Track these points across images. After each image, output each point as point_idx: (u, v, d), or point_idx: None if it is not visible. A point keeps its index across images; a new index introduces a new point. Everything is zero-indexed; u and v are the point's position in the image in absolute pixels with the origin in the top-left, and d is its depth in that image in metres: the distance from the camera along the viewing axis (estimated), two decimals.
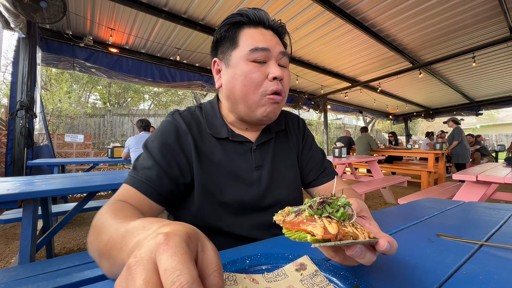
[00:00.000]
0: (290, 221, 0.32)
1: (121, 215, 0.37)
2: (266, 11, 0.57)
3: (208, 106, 0.65)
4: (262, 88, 0.54)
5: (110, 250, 0.30)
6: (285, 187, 0.63)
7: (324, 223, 0.29)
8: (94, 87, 9.17)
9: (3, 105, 6.15)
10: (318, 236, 0.27)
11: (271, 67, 0.54)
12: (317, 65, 4.82)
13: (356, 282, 0.32)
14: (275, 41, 0.56)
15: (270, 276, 0.34)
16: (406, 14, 3.10)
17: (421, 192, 2.70)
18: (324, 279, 0.33)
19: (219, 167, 0.57)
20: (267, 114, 0.55)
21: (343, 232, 0.28)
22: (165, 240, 0.19)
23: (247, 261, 0.37)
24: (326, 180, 0.69)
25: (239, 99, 0.55)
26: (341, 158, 3.84)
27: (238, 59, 0.54)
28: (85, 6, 2.89)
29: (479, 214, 0.69)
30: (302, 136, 0.73)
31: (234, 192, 0.56)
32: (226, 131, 0.60)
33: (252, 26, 0.56)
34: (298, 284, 0.32)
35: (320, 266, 0.36)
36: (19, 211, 1.81)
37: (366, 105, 8.50)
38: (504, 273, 0.36)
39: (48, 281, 0.90)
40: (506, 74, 5.28)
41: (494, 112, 18.06)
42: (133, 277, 0.18)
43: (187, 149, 0.56)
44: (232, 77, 0.55)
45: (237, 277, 0.33)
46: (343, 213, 0.31)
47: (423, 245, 0.47)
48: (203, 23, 3.29)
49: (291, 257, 0.38)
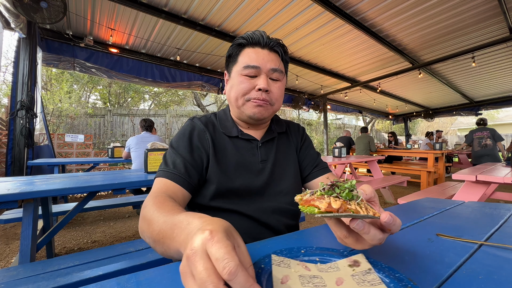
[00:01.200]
0: (305, 199, 0.38)
1: (165, 208, 0.44)
2: (264, 32, 0.69)
3: (222, 112, 0.78)
4: (248, 95, 0.67)
5: (163, 239, 0.37)
6: (286, 178, 0.74)
7: (330, 200, 0.35)
8: (95, 87, 9.17)
9: (3, 105, 6.15)
10: (322, 209, 0.34)
11: (259, 80, 0.66)
12: (317, 65, 4.82)
13: (411, 285, 0.31)
14: (267, 59, 0.67)
15: (323, 267, 0.36)
16: (406, 14, 3.10)
17: (420, 192, 2.70)
18: (377, 278, 0.33)
19: (232, 159, 0.69)
20: (253, 113, 0.67)
21: (345, 208, 0.33)
22: (211, 236, 0.25)
23: (302, 251, 0.41)
24: (319, 174, 0.78)
25: (233, 102, 0.70)
26: (341, 158, 3.85)
27: (235, 73, 0.68)
28: (85, 6, 2.89)
29: (478, 214, 0.69)
30: (301, 138, 0.85)
31: (243, 180, 0.67)
32: (236, 131, 0.73)
33: (251, 46, 0.68)
34: (348, 278, 0.33)
35: (375, 266, 0.36)
36: (20, 211, 1.81)
37: (366, 105, 8.50)
38: (503, 273, 0.36)
39: (48, 281, 0.90)
40: (506, 74, 5.28)
41: (494, 112, 18.05)
42: (194, 264, 0.24)
43: (205, 144, 0.68)
44: (231, 86, 0.70)
45: (291, 262, 0.37)
46: (348, 194, 0.36)
47: (423, 245, 0.47)
48: (203, 23, 3.29)
49: (346, 254, 0.40)
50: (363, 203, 0.36)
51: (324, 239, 0.50)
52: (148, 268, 0.44)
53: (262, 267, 0.35)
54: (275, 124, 0.80)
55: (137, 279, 0.35)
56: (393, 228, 0.35)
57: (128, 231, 2.54)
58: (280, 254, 0.39)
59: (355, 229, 0.35)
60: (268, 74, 0.67)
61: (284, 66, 0.71)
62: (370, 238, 0.35)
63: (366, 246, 0.37)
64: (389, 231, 0.36)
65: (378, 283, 0.32)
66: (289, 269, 0.35)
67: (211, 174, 0.65)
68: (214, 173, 0.65)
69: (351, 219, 0.35)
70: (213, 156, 0.67)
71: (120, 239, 2.35)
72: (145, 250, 1.22)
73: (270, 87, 0.67)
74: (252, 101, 0.66)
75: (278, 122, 0.82)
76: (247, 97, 0.67)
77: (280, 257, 0.38)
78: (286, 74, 0.74)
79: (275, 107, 0.71)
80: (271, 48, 0.68)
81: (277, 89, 0.69)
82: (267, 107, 0.68)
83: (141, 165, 2.75)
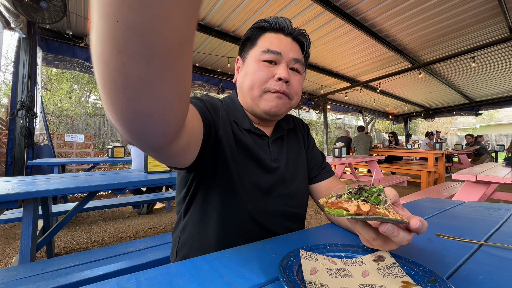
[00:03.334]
0: (331, 202, 0.39)
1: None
2: (289, 19, 0.61)
3: (228, 99, 0.68)
4: (266, 85, 0.58)
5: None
6: (296, 180, 0.68)
7: (359, 204, 0.35)
8: (95, 87, 9.16)
9: (3, 105, 6.15)
10: (351, 211, 0.34)
11: (279, 69, 0.58)
12: (317, 65, 4.83)
13: (435, 277, 0.32)
14: (290, 47, 0.60)
15: (348, 262, 0.38)
16: (406, 14, 3.10)
17: (420, 192, 2.70)
18: (401, 271, 0.34)
19: (246, 150, 0.60)
20: (270, 108, 0.59)
21: (374, 211, 0.34)
22: None
23: (328, 247, 0.42)
24: (326, 177, 0.74)
25: (246, 92, 0.61)
26: (341, 158, 3.85)
27: (252, 57, 0.60)
28: (85, 6, 2.89)
29: (478, 214, 0.69)
30: (307, 137, 0.79)
31: (252, 174, 0.60)
32: (249, 123, 0.64)
33: (273, 31, 0.60)
34: (373, 271, 0.35)
35: (399, 260, 0.37)
36: (20, 211, 1.81)
37: (366, 105, 8.50)
38: (503, 273, 0.36)
39: (48, 281, 0.90)
40: (506, 74, 5.28)
41: (493, 112, 18.04)
42: None
43: (218, 121, 0.58)
44: (245, 73, 0.61)
45: (318, 256, 0.38)
46: (376, 197, 0.36)
47: (423, 244, 0.47)
48: (203, 23, 3.29)
49: (370, 250, 0.41)
50: (390, 207, 0.37)
51: (324, 239, 0.50)
52: (148, 268, 0.44)
53: (292, 260, 0.37)
54: (283, 120, 0.73)
55: (137, 279, 0.35)
56: (420, 230, 0.36)
57: (128, 231, 2.54)
58: (306, 249, 0.40)
59: (385, 233, 0.34)
60: (289, 63, 0.59)
61: (304, 60, 0.64)
62: (400, 240, 0.35)
63: (394, 247, 0.38)
64: (416, 232, 0.37)
65: (403, 276, 0.33)
66: (317, 262, 0.37)
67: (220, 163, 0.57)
68: (221, 158, 0.57)
69: (380, 223, 0.35)
70: (223, 135, 0.58)
71: (120, 239, 2.35)
72: (145, 250, 1.22)
73: (291, 78, 0.59)
74: (271, 93, 0.58)
75: (285, 118, 0.75)
76: (265, 88, 0.58)
77: (307, 252, 0.39)
78: (305, 68, 0.66)
79: (293, 102, 0.63)
80: (295, 37, 0.62)
81: (297, 82, 0.61)
82: (285, 101, 0.60)
83: (141, 165, 2.74)
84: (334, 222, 0.61)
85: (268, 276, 0.35)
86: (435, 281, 0.31)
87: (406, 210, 0.40)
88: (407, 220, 0.35)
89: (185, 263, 0.39)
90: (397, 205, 0.41)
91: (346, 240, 0.49)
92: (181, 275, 0.36)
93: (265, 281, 0.34)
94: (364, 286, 0.31)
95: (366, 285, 0.31)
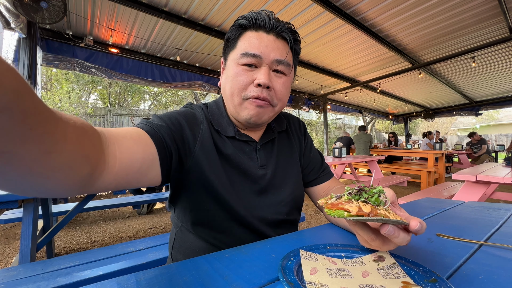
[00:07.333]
0: (331, 203, 0.39)
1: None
2: (272, 12, 0.55)
3: (214, 105, 0.65)
4: (245, 92, 0.54)
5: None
6: (287, 186, 0.64)
7: (359, 205, 0.35)
8: (95, 87, 9.17)
9: None
10: (353, 212, 0.34)
11: (258, 73, 0.53)
12: (317, 65, 4.82)
13: (435, 277, 0.32)
14: (272, 46, 0.54)
15: (348, 262, 0.38)
16: (406, 14, 3.10)
17: (420, 192, 2.70)
18: (401, 271, 0.34)
19: (229, 161, 0.58)
20: (250, 117, 0.55)
21: (375, 212, 0.34)
22: None
23: (328, 247, 0.42)
24: (326, 179, 0.72)
25: (228, 99, 0.57)
26: (341, 158, 3.85)
27: (231, 60, 0.56)
28: (85, 6, 2.89)
29: (478, 214, 0.69)
30: (304, 138, 0.75)
31: (237, 184, 0.57)
32: (233, 130, 0.60)
33: (254, 29, 0.55)
34: (373, 272, 0.35)
35: (399, 260, 0.37)
36: (20, 211, 1.81)
37: (366, 105, 8.50)
38: (503, 273, 0.36)
39: (48, 281, 0.90)
40: (506, 74, 5.28)
41: (493, 112, 18.05)
42: None
43: (196, 135, 0.55)
44: (226, 77, 0.58)
45: (318, 256, 0.38)
46: (376, 199, 0.36)
47: (423, 245, 0.47)
48: (203, 23, 3.29)
49: (369, 250, 0.41)
50: (390, 208, 0.37)
51: (324, 239, 0.50)
52: (148, 268, 0.44)
53: (292, 260, 0.37)
54: (275, 121, 0.69)
55: (137, 279, 0.35)
56: (419, 232, 0.36)
57: (128, 231, 2.54)
58: (306, 249, 0.41)
59: (386, 234, 0.34)
60: (271, 66, 0.54)
61: (293, 58, 0.58)
62: (399, 241, 0.35)
63: (392, 247, 0.38)
64: (415, 233, 0.37)
65: (403, 276, 0.33)
66: (317, 262, 0.37)
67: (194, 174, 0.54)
68: (199, 172, 0.54)
69: (381, 224, 0.35)
70: (200, 150, 0.54)
71: (120, 239, 2.35)
72: (145, 250, 1.22)
73: (272, 82, 0.54)
74: (250, 101, 0.54)
75: (278, 119, 0.71)
76: (244, 95, 0.54)
77: (307, 252, 0.39)
78: (295, 67, 0.60)
79: (277, 108, 0.58)
80: (278, 34, 0.55)
81: (280, 85, 0.56)
82: (266, 109, 0.55)
83: None
84: (333, 222, 0.61)
85: (268, 276, 0.35)
86: (435, 281, 0.31)
87: (403, 210, 0.40)
88: (406, 221, 0.35)
89: (185, 263, 0.39)
90: (394, 205, 0.41)
91: (346, 240, 0.49)
92: (181, 275, 0.36)
93: (265, 281, 0.34)
94: (364, 286, 0.31)
95: (366, 285, 0.31)
